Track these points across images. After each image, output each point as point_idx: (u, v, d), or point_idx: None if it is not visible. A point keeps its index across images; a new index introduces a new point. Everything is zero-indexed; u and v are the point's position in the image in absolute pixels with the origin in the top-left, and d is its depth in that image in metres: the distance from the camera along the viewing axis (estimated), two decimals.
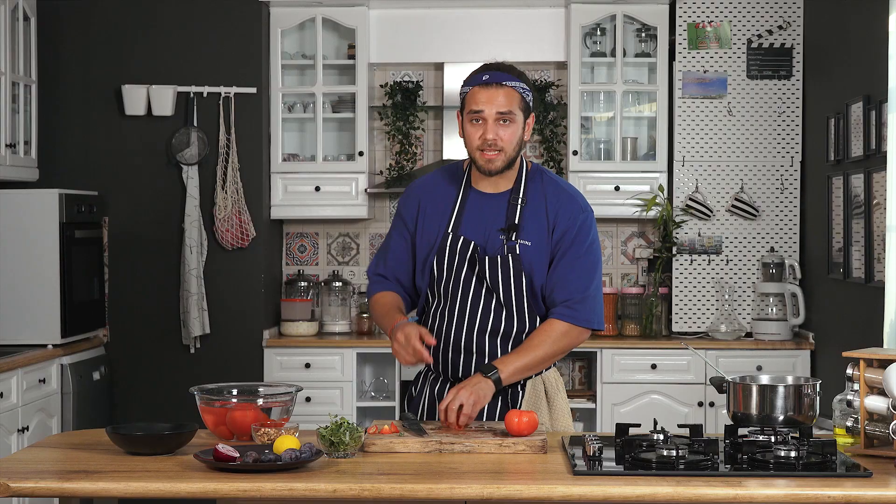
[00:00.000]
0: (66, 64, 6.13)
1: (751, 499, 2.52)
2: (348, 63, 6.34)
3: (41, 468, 2.76)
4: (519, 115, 3.22)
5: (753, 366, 5.93)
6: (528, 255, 3.22)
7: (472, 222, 3.27)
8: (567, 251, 3.24)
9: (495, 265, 3.22)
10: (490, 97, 3.19)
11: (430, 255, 3.29)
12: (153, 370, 6.11)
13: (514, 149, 3.22)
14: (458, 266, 3.26)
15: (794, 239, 6.18)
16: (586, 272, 3.25)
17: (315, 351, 6.09)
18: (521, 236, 3.23)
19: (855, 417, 2.96)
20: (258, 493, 2.56)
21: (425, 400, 3.37)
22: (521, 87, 3.23)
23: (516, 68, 3.30)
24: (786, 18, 6.14)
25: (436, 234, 3.29)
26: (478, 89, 3.20)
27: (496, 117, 3.18)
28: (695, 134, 6.18)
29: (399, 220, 3.40)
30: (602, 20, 6.27)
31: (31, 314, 5.48)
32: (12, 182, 5.67)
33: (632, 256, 6.54)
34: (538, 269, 3.23)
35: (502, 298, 3.24)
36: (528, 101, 3.25)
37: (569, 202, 3.28)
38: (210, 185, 6.11)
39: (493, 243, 3.23)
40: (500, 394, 3.25)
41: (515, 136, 3.21)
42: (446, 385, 3.32)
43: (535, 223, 3.24)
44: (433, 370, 3.37)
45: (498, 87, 3.20)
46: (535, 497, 2.55)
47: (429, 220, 3.32)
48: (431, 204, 3.33)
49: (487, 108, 3.18)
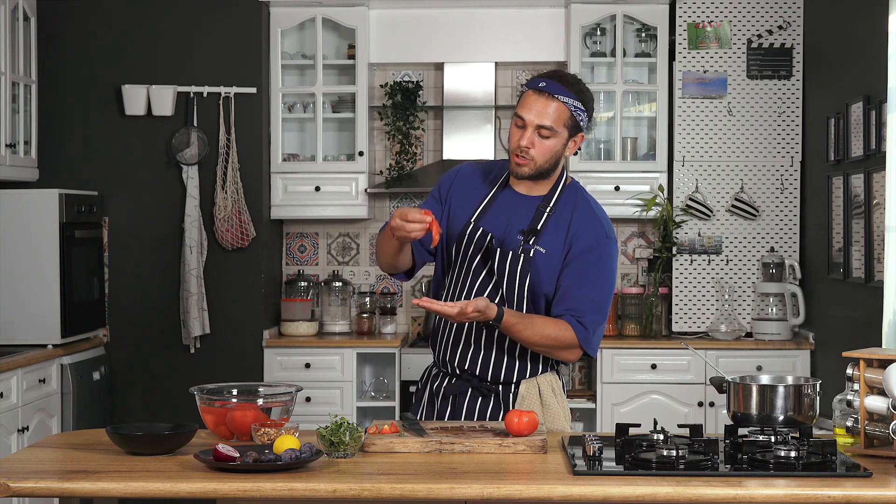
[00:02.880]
0: (66, 64, 6.13)
1: (751, 499, 2.52)
2: (348, 63, 6.34)
3: (41, 468, 2.76)
4: (562, 132, 3.19)
5: (753, 366, 5.93)
6: (540, 261, 3.23)
7: (496, 217, 3.29)
8: (588, 269, 3.23)
9: (505, 260, 3.23)
10: (537, 106, 3.17)
11: (451, 241, 3.32)
12: (153, 370, 6.11)
13: (547, 161, 3.21)
14: (472, 256, 3.28)
15: (794, 239, 6.18)
16: (603, 297, 3.26)
17: (315, 351, 6.09)
18: (539, 242, 3.24)
19: (855, 417, 2.96)
20: (258, 493, 2.56)
21: (425, 397, 3.39)
22: (573, 104, 3.18)
23: (581, 83, 3.24)
24: (786, 18, 6.14)
25: (462, 220, 3.32)
26: (531, 94, 3.19)
27: (536, 127, 3.17)
28: (695, 134, 6.19)
29: (435, 193, 3.41)
30: (602, 20, 6.27)
31: (31, 314, 5.48)
32: (12, 182, 5.67)
33: (632, 256, 6.54)
34: (547, 277, 3.24)
35: (506, 294, 3.25)
36: (578, 119, 3.20)
37: (594, 223, 3.28)
38: (210, 185, 6.11)
39: (512, 240, 3.25)
40: (492, 394, 3.28)
41: (552, 151, 3.20)
42: (444, 380, 3.34)
43: (555, 233, 3.25)
44: (436, 364, 3.39)
45: (549, 98, 3.17)
46: (535, 497, 2.55)
47: (460, 204, 3.34)
48: (468, 190, 3.35)
49: (531, 116, 3.17)
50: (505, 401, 3.29)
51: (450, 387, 3.33)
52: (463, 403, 3.31)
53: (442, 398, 3.34)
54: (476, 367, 3.29)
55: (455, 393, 3.32)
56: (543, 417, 3.32)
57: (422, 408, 3.39)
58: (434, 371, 3.41)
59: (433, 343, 3.41)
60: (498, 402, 3.30)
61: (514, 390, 3.30)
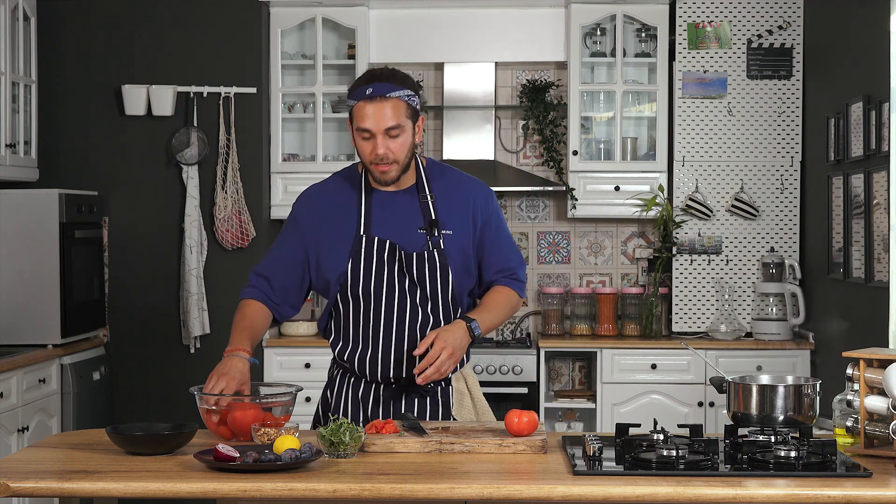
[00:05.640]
0: (66, 64, 6.13)
1: (751, 499, 2.52)
2: (348, 63, 6.34)
3: (41, 468, 2.76)
4: (407, 124, 3.18)
5: (753, 366, 5.93)
6: (451, 243, 3.25)
7: (382, 222, 3.25)
8: (496, 230, 3.33)
9: (422, 261, 3.23)
10: (376, 113, 3.14)
11: (341, 261, 3.25)
12: (153, 370, 6.11)
13: (406, 156, 3.21)
14: (378, 267, 3.24)
15: (794, 239, 6.18)
16: (513, 247, 3.38)
17: (315, 351, 6.09)
18: (442, 228, 3.25)
19: (855, 417, 2.96)
20: (258, 493, 2.56)
21: (348, 403, 3.31)
22: (405, 94, 3.18)
23: (399, 73, 3.24)
24: (786, 18, 6.14)
25: (345, 238, 3.25)
26: (363, 104, 3.15)
27: (384, 132, 3.15)
28: (695, 134, 6.19)
29: (293, 224, 3.33)
30: (602, 20, 6.27)
31: (31, 314, 5.48)
32: (12, 182, 5.67)
33: (632, 256, 6.54)
34: (460, 255, 3.27)
35: (429, 292, 3.24)
36: (414, 105, 3.20)
37: (476, 185, 3.36)
38: (210, 185, 6.11)
39: (414, 240, 3.24)
40: (430, 394, 3.28)
41: (406, 145, 3.19)
42: (371, 387, 3.29)
43: (452, 212, 3.27)
44: (352, 372, 3.31)
45: (382, 100, 3.14)
46: (535, 497, 2.55)
47: (332, 227, 3.28)
48: (333, 210, 3.29)
49: (374, 124, 3.14)
50: (444, 399, 3.29)
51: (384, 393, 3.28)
52: (400, 409, 3.27)
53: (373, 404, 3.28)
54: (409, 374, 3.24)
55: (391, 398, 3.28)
56: (476, 413, 3.34)
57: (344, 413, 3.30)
58: (351, 378, 3.32)
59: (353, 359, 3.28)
60: (436, 400, 3.29)
61: (451, 388, 3.31)
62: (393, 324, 3.25)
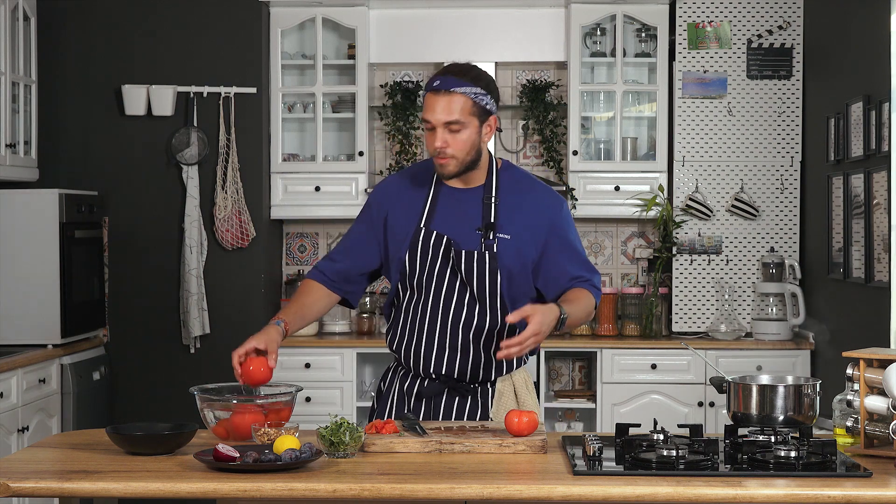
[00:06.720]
0: (66, 64, 6.13)
1: (751, 499, 2.52)
2: (348, 63, 6.34)
3: (41, 468, 2.76)
4: (471, 121, 3.17)
5: (753, 366, 5.92)
6: (506, 248, 3.23)
7: (445, 217, 3.27)
8: (567, 239, 3.30)
9: (471, 261, 3.23)
10: (438, 105, 3.15)
11: (401, 249, 3.29)
12: (153, 370, 6.11)
13: (467, 154, 3.20)
14: (432, 261, 3.26)
15: (794, 239, 6.18)
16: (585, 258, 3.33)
17: (315, 351, 6.09)
18: (499, 231, 3.24)
19: (855, 417, 2.96)
20: (258, 493, 2.56)
21: (394, 396, 3.36)
22: (472, 91, 3.16)
23: (476, 70, 3.23)
24: (786, 18, 6.14)
25: (408, 228, 3.29)
26: (429, 96, 3.18)
27: (444, 125, 3.16)
28: (695, 134, 6.19)
29: (367, 212, 3.40)
30: (602, 20, 6.27)
31: (31, 314, 5.48)
32: (12, 182, 5.67)
33: (632, 256, 6.54)
34: (516, 261, 3.24)
35: (476, 293, 3.24)
36: (483, 104, 3.18)
37: (548, 193, 3.34)
38: (210, 185, 6.12)
39: (470, 239, 3.24)
40: (470, 394, 3.28)
41: (468, 143, 3.18)
42: (416, 381, 3.31)
43: (515, 217, 3.26)
44: (403, 365, 3.36)
45: (447, 94, 3.15)
46: (535, 497, 2.55)
47: (400, 215, 3.31)
48: (403, 199, 3.33)
49: (435, 117, 3.15)
50: (483, 399, 3.30)
51: (424, 389, 3.30)
52: (440, 405, 3.29)
53: (415, 399, 3.31)
54: (454, 370, 3.27)
55: (431, 395, 3.30)
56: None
57: (391, 408, 3.35)
58: (402, 371, 3.37)
59: (399, 348, 3.33)
60: (476, 400, 3.30)
61: (492, 389, 3.31)
62: (438, 318, 3.26)
